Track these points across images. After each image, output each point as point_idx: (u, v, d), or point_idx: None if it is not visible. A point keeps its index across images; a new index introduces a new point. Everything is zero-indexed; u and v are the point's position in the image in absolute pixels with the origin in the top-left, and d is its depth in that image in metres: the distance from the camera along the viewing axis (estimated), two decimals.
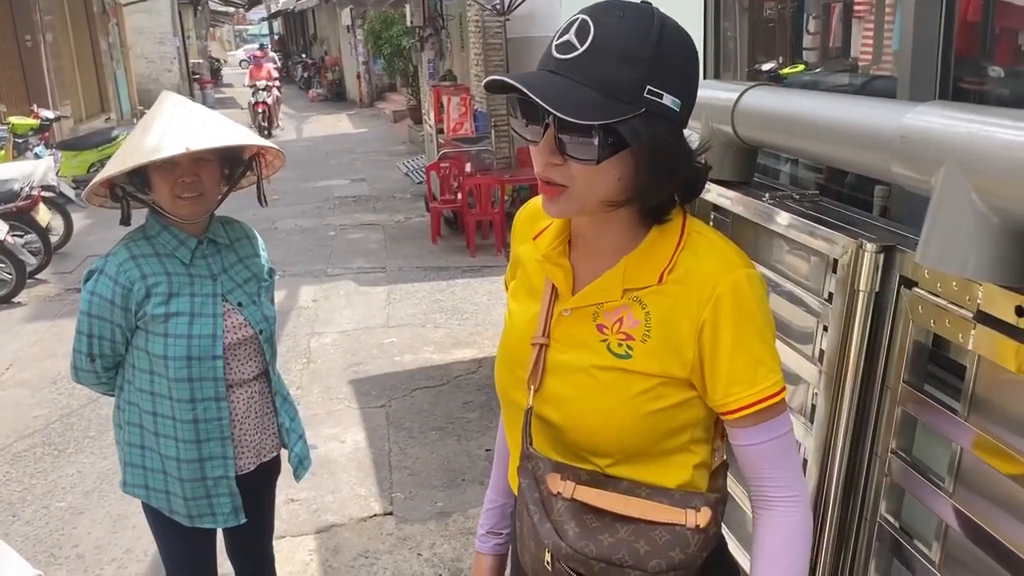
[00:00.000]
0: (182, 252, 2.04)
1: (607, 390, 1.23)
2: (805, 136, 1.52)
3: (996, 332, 1.13)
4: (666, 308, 1.19)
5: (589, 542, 1.22)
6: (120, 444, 2.16)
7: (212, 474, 2.08)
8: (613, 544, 1.21)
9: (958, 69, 1.54)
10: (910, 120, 1.19)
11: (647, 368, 1.20)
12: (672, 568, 1.18)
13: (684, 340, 1.19)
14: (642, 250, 1.22)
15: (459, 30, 11.67)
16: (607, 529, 1.22)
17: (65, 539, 3.51)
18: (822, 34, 2.29)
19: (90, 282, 2.01)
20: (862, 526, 1.41)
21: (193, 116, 2.02)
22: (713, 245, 1.22)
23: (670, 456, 1.26)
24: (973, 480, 1.26)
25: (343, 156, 13.78)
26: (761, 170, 2.22)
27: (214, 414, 2.06)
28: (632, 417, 1.22)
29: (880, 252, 1.36)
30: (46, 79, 13.24)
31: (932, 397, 1.30)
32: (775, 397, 1.17)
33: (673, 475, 1.26)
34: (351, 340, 5.62)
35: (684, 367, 1.20)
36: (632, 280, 1.22)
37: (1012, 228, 1.04)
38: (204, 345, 2.02)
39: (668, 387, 1.21)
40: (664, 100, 1.12)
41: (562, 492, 1.25)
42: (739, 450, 1.23)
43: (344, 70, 23.81)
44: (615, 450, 1.26)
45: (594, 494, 1.24)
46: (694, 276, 1.18)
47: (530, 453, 1.30)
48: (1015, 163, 0.99)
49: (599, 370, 1.23)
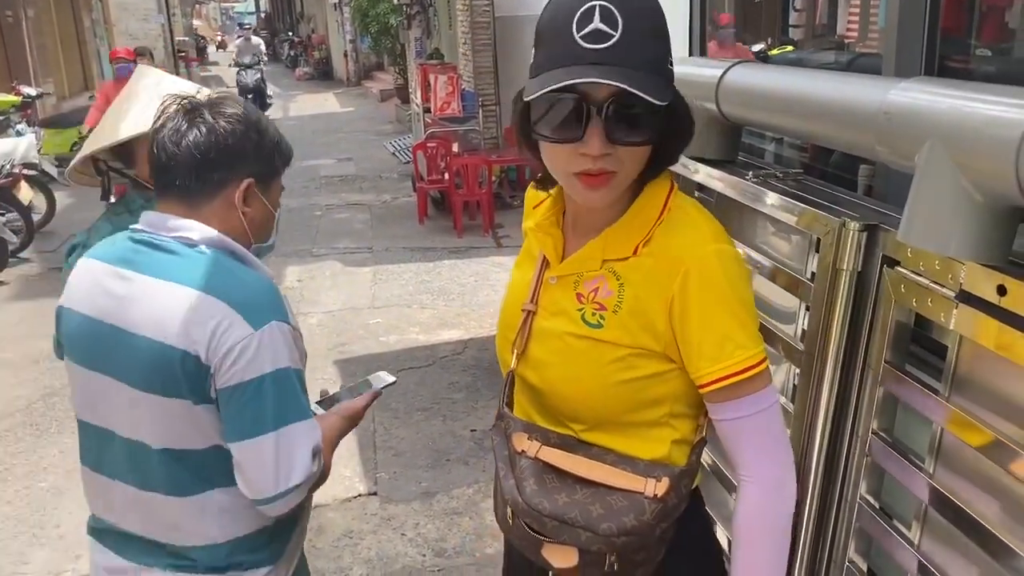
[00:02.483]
0: None
1: (579, 357, 1.25)
2: (789, 113, 1.50)
3: (978, 311, 1.12)
4: (638, 281, 1.21)
5: (544, 499, 1.25)
6: None
7: None
8: (568, 504, 1.23)
9: (944, 47, 1.52)
10: (894, 96, 1.18)
11: (617, 339, 1.22)
12: (624, 533, 1.20)
13: (655, 313, 1.20)
14: (623, 222, 1.24)
15: (447, 8, 11.56)
16: (566, 490, 1.25)
17: (47, 519, 3.49)
18: (808, 12, 2.27)
19: (72, 256, 1.98)
20: (842, 506, 1.41)
21: (177, 87, 2.01)
22: (689, 220, 1.22)
23: (647, 428, 1.27)
24: (953, 460, 1.25)
25: (330, 135, 13.68)
26: (746, 149, 2.20)
27: None
28: (603, 385, 1.25)
29: (863, 231, 1.34)
30: (28, 56, 13.07)
31: (913, 377, 1.29)
32: (744, 373, 1.17)
33: (648, 447, 1.27)
34: (336, 320, 5.60)
35: (657, 340, 1.21)
36: (611, 251, 1.24)
37: (995, 206, 1.03)
38: None
39: (641, 358, 1.22)
40: (671, 65, 1.17)
41: (526, 451, 1.29)
42: (715, 425, 1.25)
43: (331, 48, 23.63)
44: (587, 416, 1.29)
45: (559, 455, 1.28)
46: (666, 250, 1.20)
47: (503, 413, 1.35)
48: (999, 139, 0.97)
49: (573, 338, 1.26)
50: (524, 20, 9.24)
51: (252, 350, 1.35)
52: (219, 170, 1.44)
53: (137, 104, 1.93)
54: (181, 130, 1.42)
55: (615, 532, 1.20)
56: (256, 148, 1.48)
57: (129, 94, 1.99)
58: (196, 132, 1.42)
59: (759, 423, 1.21)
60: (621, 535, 1.20)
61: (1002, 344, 1.09)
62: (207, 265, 1.39)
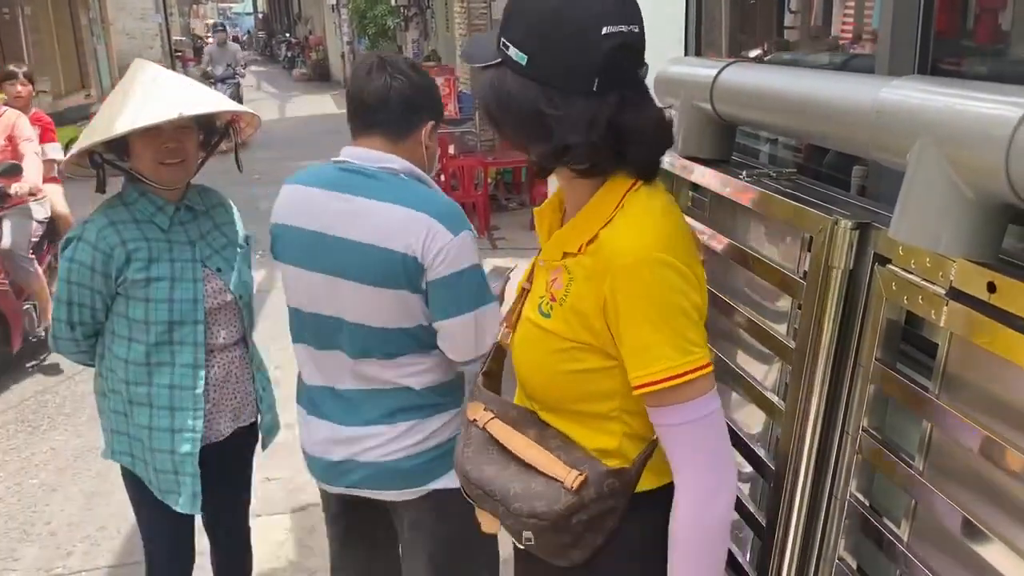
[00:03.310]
0: (160, 218, 2.04)
1: (534, 343, 1.33)
2: (783, 112, 1.51)
3: (968, 309, 1.12)
4: (580, 279, 1.25)
5: (475, 467, 1.33)
6: (105, 412, 2.15)
7: (180, 448, 2.07)
8: (493, 477, 1.31)
9: (936, 47, 1.53)
10: (886, 94, 1.18)
11: (559, 330, 1.27)
12: (531, 516, 1.25)
13: (591, 311, 1.23)
14: (579, 217, 1.28)
15: (444, 10, 11.58)
16: (499, 463, 1.32)
17: (37, 516, 3.48)
18: (803, 13, 2.28)
19: (68, 249, 1.99)
20: (832, 504, 1.41)
21: (173, 82, 2.03)
22: (632, 222, 1.22)
23: (599, 420, 1.30)
24: (943, 459, 1.26)
25: (327, 136, 13.65)
26: (741, 149, 2.21)
27: (189, 382, 2.06)
28: (550, 372, 1.30)
29: (855, 229, 1.35)
30: (24, 54, 13.03)
31: (904, 375, 1.29)
32: (665, 383, 1.17)
33: (598, 438, 1.31)
34: None
35: (596, 337, 1.24)
36: (567, 244, 1.29)
37: (985, 203, 1.03)
38: (186, 309, 2.02)
39: (583, 352, 1.26)
40: (511, 51, 1.19)
41: (477, 420, 1.37)
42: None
43: (328, 50, 23.63)
44: (542, 399, 1.35)
45: (503, 430, 1.34)
46: (603, 252, 1.21)
47: (477, 383, 1.45)
48: (989, 137, 0.98)
49: (531, 324, 1.33)
50: None
51: (454, 251, 1.74)
52: (417, 113, 1.82)
53: (132, 100, 1.93)
54: (387, 80, 1.77)
55: (524, 513, 1.26)
56: (435, 96, 1.89)
57: (125, 89, 1.99)
58: (400, 81, 1.78)
59: (689, 433, 1.22)
60: (530, 517, 1.25)
61: (992, 341, 1.09)
62: (410, 189, 1.79)
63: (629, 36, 1.17)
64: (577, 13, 1.15)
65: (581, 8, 1.15)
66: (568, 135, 1.18)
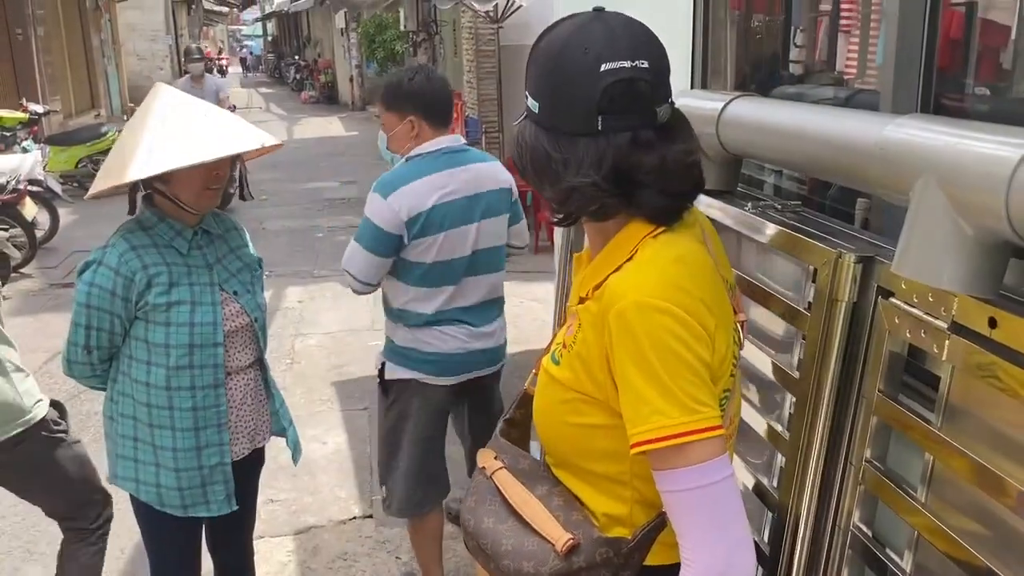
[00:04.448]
0: (179, 242, 2.06)
1: (544, 390, 1.28)
2: (788, 146, 1.53)
3: (970, 343, 1.15)
4: (587, 324, 1.18)
5: (473, 517, 1.28)
6: (111, 436, 2.16)
7: (208, 462, 2.11)
8: (489, 530, 1.25)
9: (939, 84, 1.56)
10: (890, 132, 1.21)
11: (564, 379, 1.21)
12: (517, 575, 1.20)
13: (594, 361, 1.16)
14: (595, 263, 1.25)
15: (452, 36, 11.69)
16: (498, 516, 1.26)
17: (40, 535, 3.48)
18: (808, 48, 2.32)
19: (87, 273, 2.00)
20: (835, 534, 1.42)
21: (220, 112, 2.09)
22: (636, 268, 1.15)
23: (607, 482, 1.23)
24: (945, 490, 1.27)
25: (334, 158, 13.77)
26: (746, 181, 2.24)
27: (212, 401, 2.09)
28: (556, 423, 1.24)
29: (859, 262, 1.37)
30: (36, 73, 13.17)
31: (907, 407, 1.31)
32: (664, 441, 1.06)
33: (607, 503, 1.23)
34: (336, 342, 5.61)
35: (599, 389, 1.16)
36: (582, 289, 1.25)
37: (986, 240, 1.05)
38: (205, 332, 2.05)
39: (587, 404, 1.19)
40: (528, 102, 1.20)
41: (486, 468, 1.32)
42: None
43: (337, 73, 23.81)
44: (551, 451, 1.30)
45: (508, 481, 1.29)
46: (605, 298, 1.15)
47: (496, 430, 1.41)
48: (990, 176, 1.00)
49: (544, 371, 1.28)
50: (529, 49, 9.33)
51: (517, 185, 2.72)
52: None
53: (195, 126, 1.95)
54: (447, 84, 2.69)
55: (510, 571, 1.21)
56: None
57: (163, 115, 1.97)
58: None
59: (696, 501, 1.08)
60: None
61: (993, 375, 1.11)
62: (479, 152, 2.77)
63: (635, 72, 1.11)
64: (576, 53, 1.13)
65: (581, 48, 1.13)
66: (571, 177, 1.14)
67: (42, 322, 5.99)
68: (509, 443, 1.35)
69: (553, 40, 1.17)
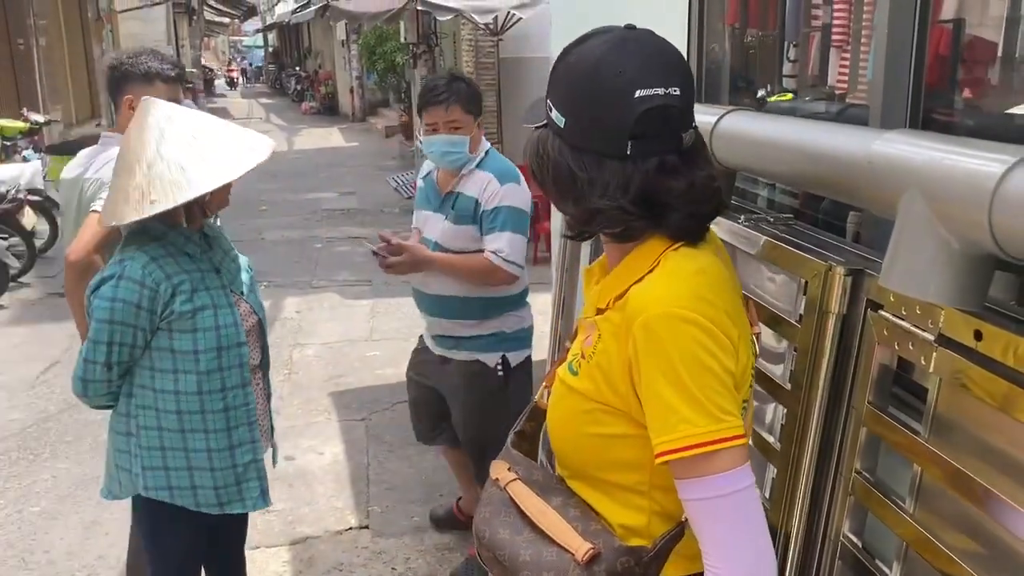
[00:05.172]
0: (191, 248, 2.08)
1: (560, 401, 1.27)
2: (779, 159, 1.55)
3: (956, 355, 1.16)
4: (608, 334, 1.19)
5: (489, 529, 1.27)
6: (129, 451, 2.12)
7: (242, 460, 2.14)
8: (506, 540, 1.24)
9: (928, 100, 1.58)
10: (878, 147, 1.22)
11: (584, 389, 1.21)
12: None
13: (616, 372, 1.16)
14: (614, 273, 1.24)
15: (452, 48, 11.74)
16: (513, 527, 1.25)
17: (37, 544, 3.48)
18: (801, 62, 2.34)
19: (106, 289, 1.97)
20: (826, 545, 1.43)
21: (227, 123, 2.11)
22: (661, 280, 1.16)
23: (625, 493, 1.23)
24: (933, 501, 1.28)
25: (333, 169, 13.80)
26: (739, 194, 2.26)
27: (241, 400, 2.12)
28: (575, 435, 1.24)
29: (849, 275, 1.39)
30: (37, 83, 13.22)
31: (895, 419, 1.32)
32: (692, 450, 1.07)
33: (624, 513, 1.23)
34: (334, 352, 5.62)
35: (620, 400, 1.17)
36: (600, 301, 1.25)
37: (971, 253, 1.07)
38: (230, 334, 2.08)
39: (607, 415, 1.19)
40: (552, 114, 1.18)
41: (499, 480, 1.31)
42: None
43: (337, 84, 23.90)
44: (566, 463, 1.29)
45: (523, 493, 1.28)
46: (628, 307, 1.15)
47: (508, 442, 1.39)
48: (974, 190, 1.02)
49: (561, 382, 1.27)
50: (528, 61, 9.39)
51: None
52: None
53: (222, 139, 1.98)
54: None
55: None
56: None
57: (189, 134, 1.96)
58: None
59: (720, 510, 1.09)
60: None
61: (978, 387, 1.13)
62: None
63: (668, 99, 1.11)
64: (611, 75, 1.11)
65: (616, 70, 1.11)
66: (598, 200, 1.15)
67: (41, 331, 6.00)
68: (521, 455, 1.35)
69: (585, 56, 1.15)
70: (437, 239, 2.83)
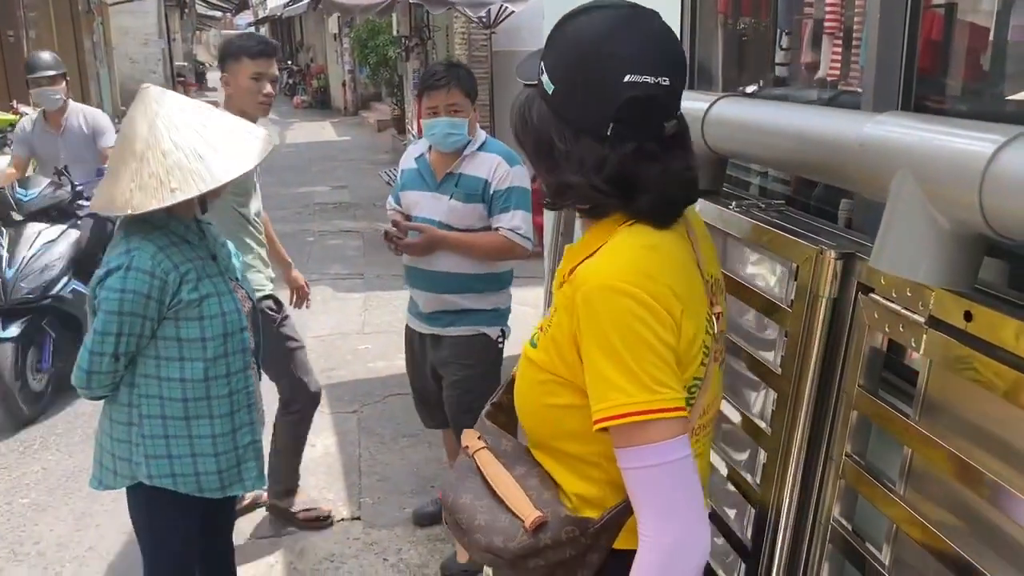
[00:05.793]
0: (191, 235, 2.09)
1: (523, 373, 1.31)
2: (771, 144, 1.55)
3: (946, 336, 1.16)
4: (561, 308, 1.21)
5: (452, 493, 1.32)
6: (131, 441, 2.10)
7: (242, 442, 2.17)
8: (466, 505, 1.29)
9: (919, 85, 1.58)
10: (869, 129, 1.23)
11: (540, 361, 1.25)
12: (487, 550, 1.24)
13: (565, 343, 1.19)
14: (573, 248, 1.28)
15: (445, 41, 11.72)
16: (476, 492, 1.30)
17: (26, 536, 3.47)
18: (794, 50, 2.34)
19: (114, 280, 1.95)
20: (816, 528, 1.43)
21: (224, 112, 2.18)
22: (604, 254, 1.18)
23: (579, 463, 1.25)
24: (923, 483, 1.28)
25: (325, 163, 13.75)
26: (732, 181, 2.25)
27: (242, 384, 2.15)
28: (533, 405, 1.28)
29: (839, 259, 1.39)
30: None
31: (886, 401, 1.32)
32: (624, 418, 1.09)
33: (579, 483, 1.26)
34: (325, 345, 5.60)
35: (569, 370, 1.19)
36: (560, 276, 1.28)
37: (961, 234, 1.07)
38: (234, 320, 2.10)
39: (560, 386, 1.22)
40: (543, 77, 1.18)
41: (468, 448, 1.35)
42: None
43: (329, 78, 23.81)
44: (528, 432, 1.33)
45: (488, 461, 1.32)
46: (576, 281, 1.17)
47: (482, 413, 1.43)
48: (965, 170, 1.02)
49: (524, 355, 1.31)
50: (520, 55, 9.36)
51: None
52: None
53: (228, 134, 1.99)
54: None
55: (481, 546, 1.25)
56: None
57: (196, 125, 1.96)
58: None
59: (652, 479, 1.11)
60: (486, 551, 1.24)
61: (969, 368, 1.13)
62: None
63: (655, 88, 1.11)
64: (604, 55, 1.12)
65: (610, 51, 1.11)
66: (571, 174, 1.16)
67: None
68: (494, 425, 1.38)
69: (583, 30, 1.15)
70: (442, 219, 2.93)
